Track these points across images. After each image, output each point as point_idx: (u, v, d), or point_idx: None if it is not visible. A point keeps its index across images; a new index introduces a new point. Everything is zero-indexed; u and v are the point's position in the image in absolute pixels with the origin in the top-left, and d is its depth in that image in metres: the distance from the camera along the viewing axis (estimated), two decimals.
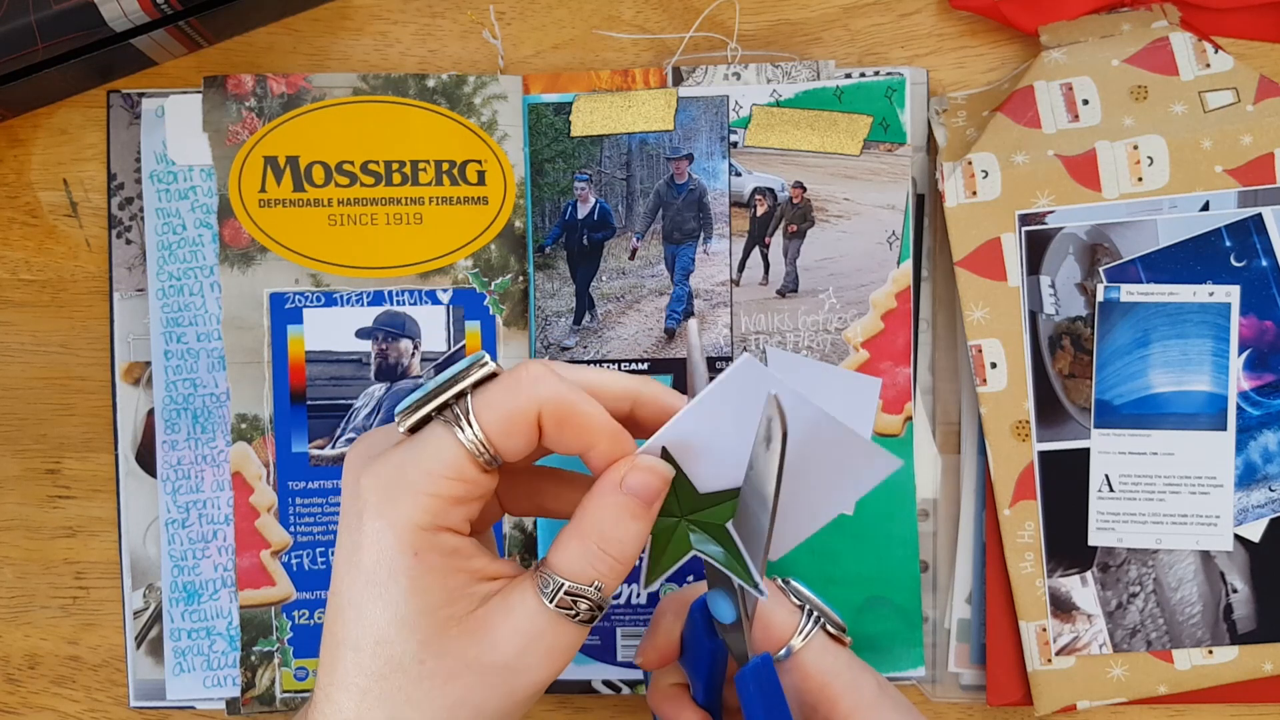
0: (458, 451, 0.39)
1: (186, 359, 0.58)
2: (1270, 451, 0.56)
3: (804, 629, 0.45)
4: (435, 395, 0.39)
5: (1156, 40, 0.56)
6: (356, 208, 0.58)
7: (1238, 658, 0.56)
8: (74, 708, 0.59)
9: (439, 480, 0.38)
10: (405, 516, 0.38)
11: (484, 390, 0.39)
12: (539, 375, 0.39)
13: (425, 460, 0.39)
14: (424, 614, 0.38)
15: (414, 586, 0.38)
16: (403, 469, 0.39)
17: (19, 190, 0.60)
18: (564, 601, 0.39)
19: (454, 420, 0.39)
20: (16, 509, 0.60)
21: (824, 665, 0.45)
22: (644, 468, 0.40)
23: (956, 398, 0.59)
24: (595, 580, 0.39)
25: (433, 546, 0.38)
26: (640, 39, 0.60)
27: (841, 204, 0.58)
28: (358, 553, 0.39)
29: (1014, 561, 0.56)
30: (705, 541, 0.41)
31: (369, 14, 0.60)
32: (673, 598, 0.48)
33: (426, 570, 0.38)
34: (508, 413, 0.39)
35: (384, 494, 0.38)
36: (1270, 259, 0.56)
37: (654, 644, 0.47)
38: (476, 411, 0.39)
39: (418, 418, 0.39)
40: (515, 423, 0.39)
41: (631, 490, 0.39)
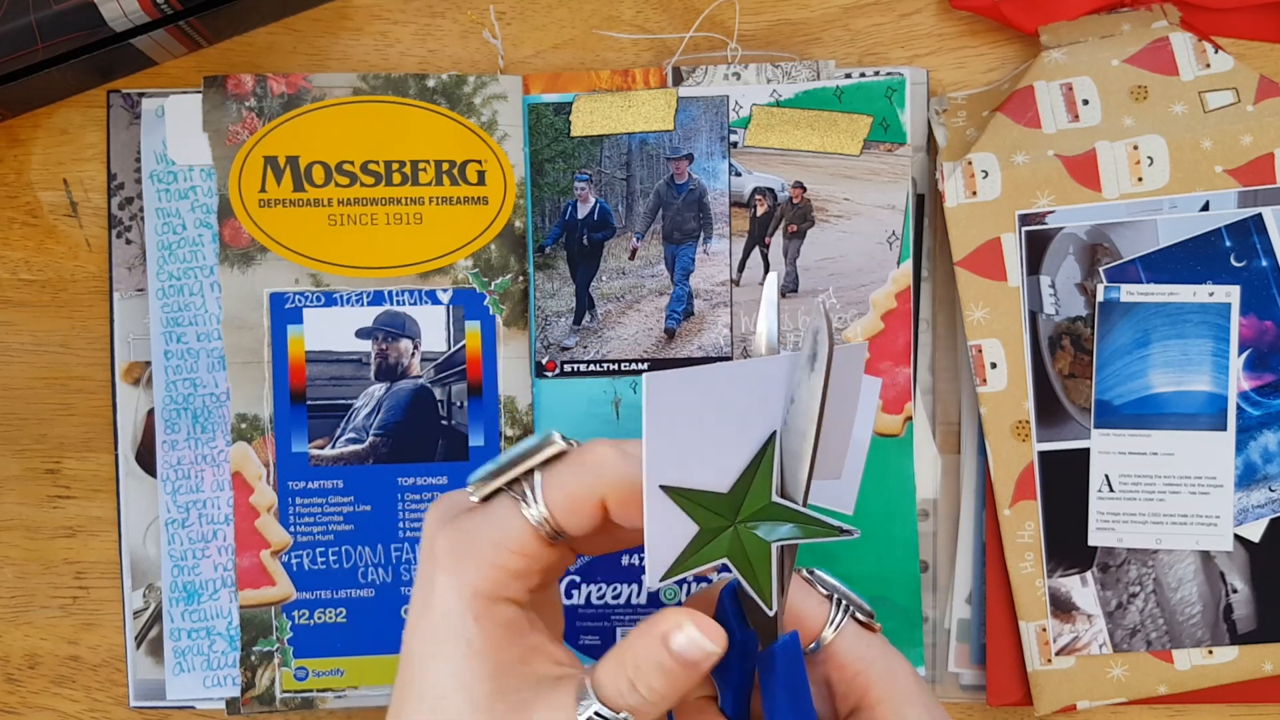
0: (523, 526, 0.40)
1: (186, 359, 0.58)
2: (1270, 451, 0.56)
3: (835, 619, 0.45)
4: (506, 469, 0.41)
5: (1156, 40, 0.56)
6: (356, 208, 0.58)
7: (1238, 658, 0.56)
8: (74, 708, 0.59)
9: (503, 552, 0.40)
10: (470, 581, 0.40)
11: (553, 469, 0.40)
12: (605, 458, 0.40)
13: (493, 531, 0.40)
14: (479, 680, 0.39)
15: (472, 651, 0.39)
16: (473, 536, 0.40)
17: (19, 190, 0.60)
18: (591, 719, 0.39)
19: (521, 497, 0.40)
20: (16, 509, 0.60)
21: (858, 654, 0.45)
22: (688, 635, 0.39)
23: (956, 398, 0.59)
24: (625, 712, 0.39)
25: (492, 616, 0.40)
26: (640, 39, 0.60)
27: (841, 204, 0.58)
28: (428, 608, 0.40)
29: (1014, 561, 0.56)
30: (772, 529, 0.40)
31: (369, 14, 0.60)
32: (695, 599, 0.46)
33: (484, 637, 0.40)
34: (573, 494, 0.40)
35: (454, 556, 0.40)
36: (1270, 259, 0.56)
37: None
38: (544, 490, 0.40)
39: (488, 490, 0.41)
40: (580, 503, 0.40)
41: (672, 650, 0.39)
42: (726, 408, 0.39)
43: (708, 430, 0.39)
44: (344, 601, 0.58)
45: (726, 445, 0.40)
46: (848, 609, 0.45)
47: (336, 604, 0.58)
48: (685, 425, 0.39)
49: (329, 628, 0.58)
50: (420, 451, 0.58)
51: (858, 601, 0.46)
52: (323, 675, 0.58)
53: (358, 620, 0.58)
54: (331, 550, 0.58)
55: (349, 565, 0.58)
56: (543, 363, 0.58)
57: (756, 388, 0.39)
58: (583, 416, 0.58)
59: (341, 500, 0.58)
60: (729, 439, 0.40)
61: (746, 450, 0.40)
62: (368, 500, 0.58)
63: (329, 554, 0.58)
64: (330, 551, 0.58)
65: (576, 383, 0.58)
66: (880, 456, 0.57)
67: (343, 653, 0.58)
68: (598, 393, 0.58)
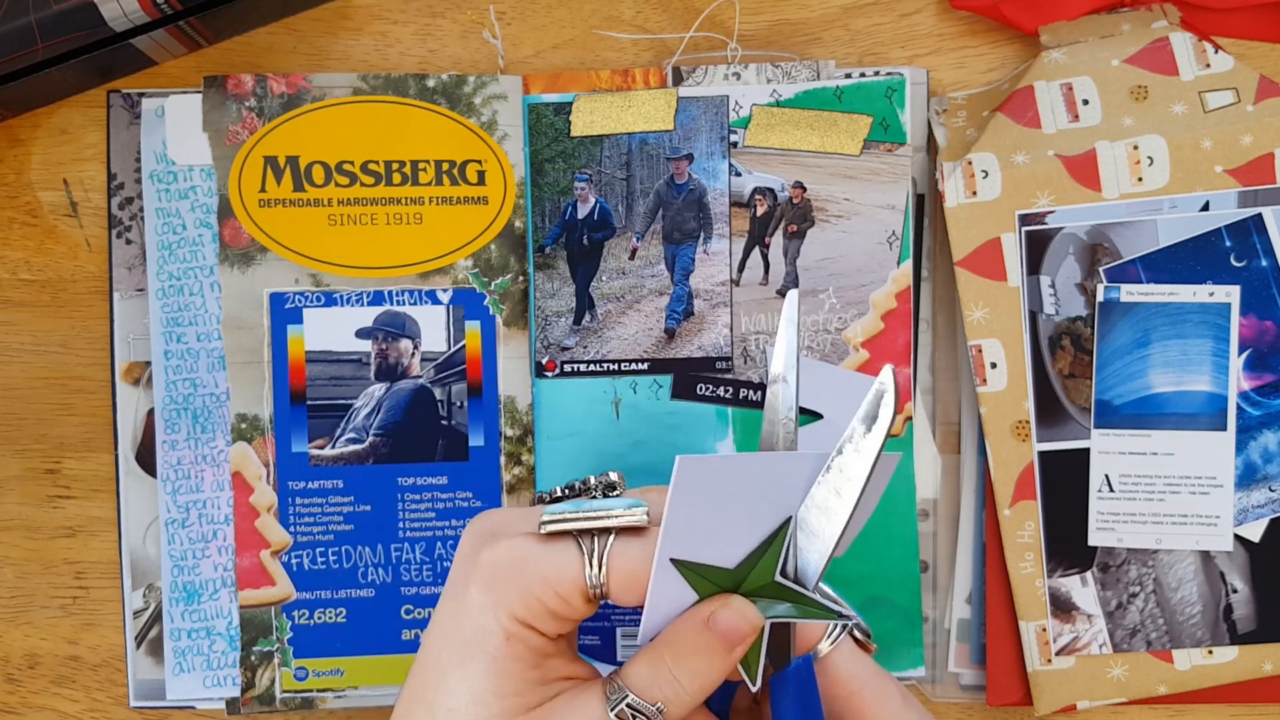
0: (577, 578, 0.40)
1: (186, 359, 0.58)
2: (1270, 451, 0.56)
3: (833, 633, 0.45)
4: (585, 519, 0.40)
5: (1156, 40, 0.56)
6: (356, 208, 0.58)
7: (1238, 658, 0.56)
8: (74, 708, 0.59)
9: (549, 592, 0.40)
10: (508, 602, 0.40)
11: (626, 539, 0.40)
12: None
13: (547, 568, 0.40)
14: (497, 696, 0.39)
15: (495, 667, 0.40)
16: (524, 563, 0.40)
17: (19, 190, 0.60)
18: (624, 714, 0.40)
19: (589, 553, 0.40)
20: (16, 509, 0.60)
21: (852, 671, 0.45)
22: (735, 609, 0.40)
23: (956, 398, 0.59)
24: (660, 702, 0.40)
25: (522, 638, 0.40)
26: (640, 39, 0.60)
27: (841, 204, 0.58)
28: (457, 620, 0.40)
29: (1014, 561, 0.56)
30: (769, 606, 0.41)
31: (369, 14, 0.60)
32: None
33: (510, 656, 0.40)
34: (635, 570, 0.40)
35: (498, 574, 0.40)
36: (1270, 259, 0.56)
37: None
38: (612, 557, 0.40)
39: (559, 529, 0.40)
40: (637, 581, 0.40)
41: (718, 628, 0.40)
42: (748, 492, 0.39)
43: (727, 511, 0.40)
44: (344, 601, 0.58)
45: (741, 527, 0.40)
46: (846, 625, 0.46)
47: (336, 604, 0.58)
48: (706, 505, 0.39)
49: (329, 628, 0.58)
50: (420, 451, 0.58)
51: (856, 619, 0.46)
52: (323, 675, 0.58)
53: (358, 620, 0.58)
54: (331, 550, 0.58)
55: (349, 565, 0.58)
56: (543, 363, 0.58)
57: (782, 477, 0.39)
58: (583, 416, 0.58)
59: (341, 500, 0.58)
60: (744, 521, 0.40)
61: (760, 533, 0.40)
62: (368, 500, 0.58)
63: (329, 554, 0.58)
64: (330, 551, 0.58)
65: (576, 383, 0.58)
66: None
67: (343, 653, 0.58)
68: (598, 393, 0.58)
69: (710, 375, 0.58)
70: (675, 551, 0.39)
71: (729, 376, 0.58)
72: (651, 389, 0.58)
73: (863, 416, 0.38)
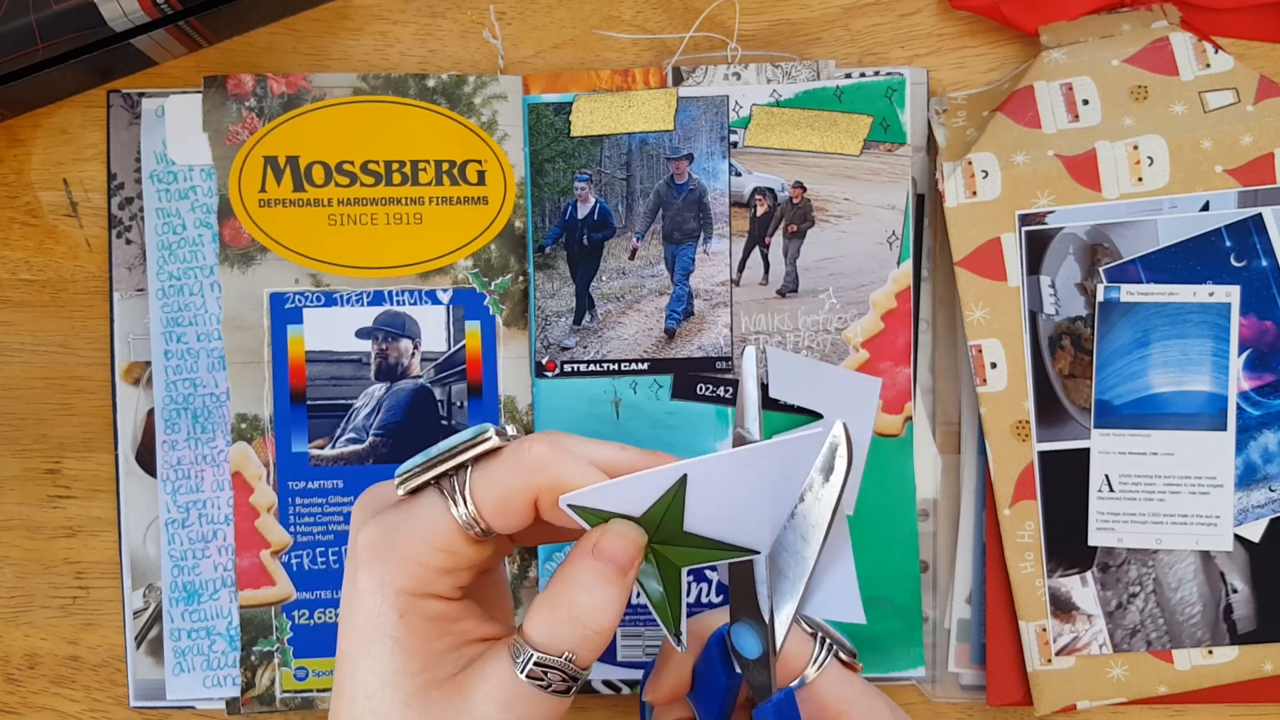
0: (449, 524, 0.38)
1: (186, 359, 0.58)
2: (1270, 451, 0.56)
3: (818, 658, 0.45)
4: (435, 464, 0.39)
5: (1156, 40, 0.56)
6: (356, 208, 0.58)
7: (1238, 658, 0.56)
8: (74, 708, 0.59)
9: (428, 550, 0.38)
10: (392, 579, 0.38)
11: (485, 465, 0.39)
12: (541, 457, 0.38)
13: (417, 527, 0.38)
14: (407, 675, 0.38)
15: (397, 647, 0.38)
16: (395, 533, 0.38)
17: (19, 190, 0.60)
18: (534, 673, 0.38)
19: (449, 493, 0.39)
20: (16, 509, 0.60)
21: (840, 693, 0.45)
22: (617, 532, 0.39)
23: (956, 398, 0.59)
24: (566, 651, 0.38)
25: (417, 611, 0.38)
26: (640, 39, 0.60)
27: (841, 204, 0.58)
28: (352, 606, 0.39)
29: (1014, 561, 0.56)
30: (649, 576, 0.40)
31: (369, 14, 0.60)
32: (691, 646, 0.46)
33: (410, 632, 0.38)
34: (504, 492, 0.38)
35: (375, 554, 0.38)
36: (1270, 259, 0.56)
37: (666, 679, 0.46)
38: (473, 487, 0.38)
39: (415, 484, 0.39)
40: (511, 502, 0.38)
41: (604, 554, 0.38)
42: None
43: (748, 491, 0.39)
44: None
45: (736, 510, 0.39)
46: (831, 648, 0.45)
47: (336, 604, 0.58)
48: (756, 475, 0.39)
49: (329, 628, 0.58)
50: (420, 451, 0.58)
51: (841, 641, 0.46)
52: (323, 675, 0.58)
53: None
54: (331, 550, 0.58)
55: None
56: (543, 363, 0.58)
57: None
58: (583, 416, 0.58)
59: (341, 500, 0.58)
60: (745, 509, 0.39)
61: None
62: None
63: (329, 554, 0.58)
64: (330, 551, 0.58)
65: (576, 383, 0.58)
66: (880, 456, 0.57)
67: None
68: (598, 393, 0.58)
69: (710, 375, 0.58)
70: (699, 471, 0.38)
71: (729, 376, 0.58)
72: (651, 389, 0.58)
73: (820, 467, 0.38)
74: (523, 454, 0.38)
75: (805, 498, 0.39)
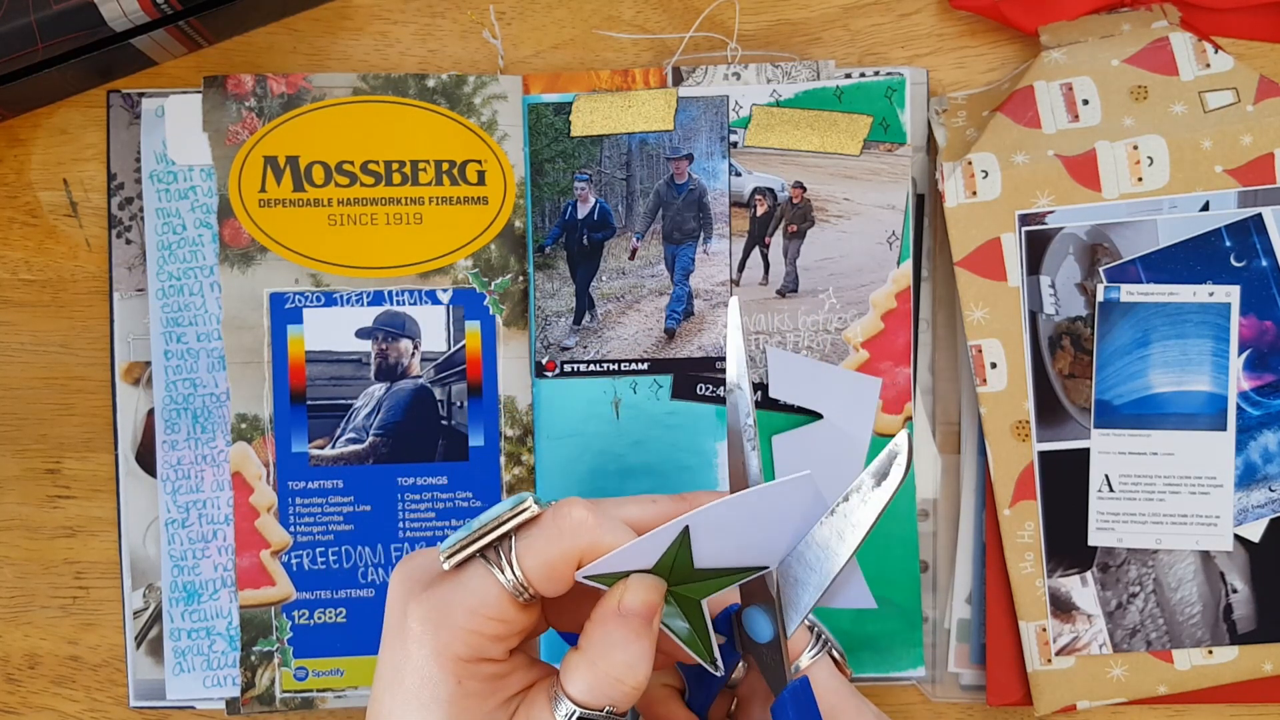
0: (499, 593, 0.40)
1: (186, 359, 0.58)
2: (1270, 451, 0.56)
3: (813, 648, 0.47)
4: (479, 536, 0.40)
5: (1156, 40, 0.56)
6: (356, 208, 0.58)
7: (1238, 658, 0.56)
8: (74, 708, 0.59)
9: (480, 619, 0.40)
10: (448, 649, 0.40)
11: (527, 534, 0.40)
12: (581, 521, 0.40)
13: (468, 599, 0.40)
14: None
15: (454, 711, 0.40)
16: (448, 605, 0.40)
17: (19, 190, 0.60)
18: None
19: (496, 563, 0.40)
20: (16, 509, 0.60)
21: (831, 686, 0.46)
22: (634, 587, 0.40)
23: (956, 398, 0.59)
24: (608, 705, 0.40)
25: (474, 675, 0.40)
26: (640, 39, 0.60)
27: (841, 204, 0.58)
28: (401, 673, 0.40)
29: (1014, 561, 0.56)
30: (673, 616, 0.42)
31: (369, 14, 0.60)
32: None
33: (466, 694, 0.40)
34: (549, 559, 0.40)
35: (429, 625, 0.40)
36: (1270, 259, 0.56)
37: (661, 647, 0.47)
38: (519, 556, 0.40)
39: (462, 558, 0.40)
40: (557, 568, 0.40)
41: (629, 610, 0.40)
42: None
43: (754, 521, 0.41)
44: (344, 601, 0.58)
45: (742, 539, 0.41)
46: (826, 643, 0.47)
47: (336, 604, 0.58)
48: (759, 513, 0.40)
49: (329, 628, 0.58)
50: (420, 451, 0.58)
51: (834, 642, 0.48)
52: (323, 675, 0.58)
53: (357, 620, 0.58)
54: (331, 550, 0.58)
55: (349, 565, 0.58)
56: (543, 363, 0.58)
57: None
58: (583, 416, 0.58)
59: (341, 500, 0.58)
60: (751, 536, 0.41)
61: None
62: (368, 500, 0.58)
63: (329, 554, 0.58)
64: (330, 551, 0.58)
65: (576, 383, 0.58)
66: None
67: (342, 653, 0.58)
68: (598, 393, 0.58)
69: (710, 375, 0.58)
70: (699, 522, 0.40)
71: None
72: (651, 389, 0.58)
73: (874, 471, 0.40)
74: (562, 520, 0.40)
75: (851, 498, 0.40)
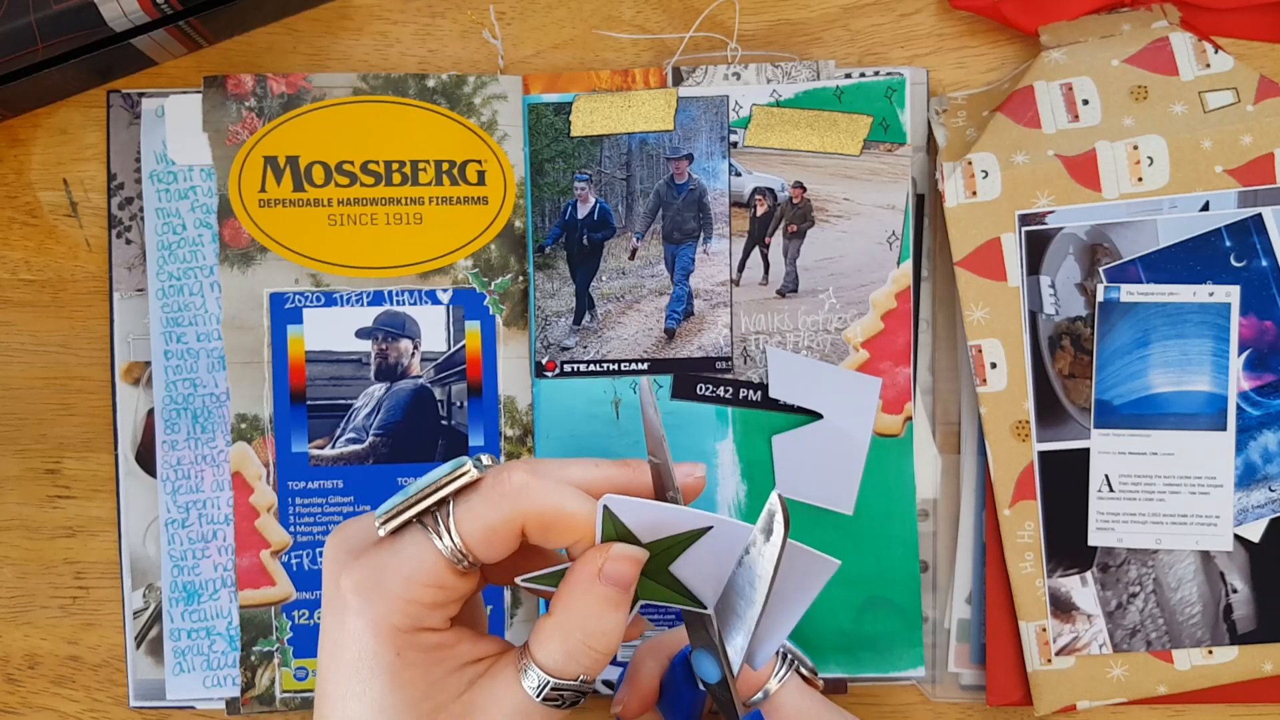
0: (436, 559, 0.39)
1: (186, 359, 0.58)
2: (1270, 451, 0.56)
3: (779, 672, 0.47)
4: (416, 501, 0.39)
5: (1156, 40, 0.56)
6: (356, 208, 0.58)
7: (1238, 658, 0.56)
8: (74, 708, 0.59)
9: (416, 587, 0.39)
10: (384, 619, 0.38)
11: (466, 499, 0.39)
12: (522, 485, 0.39)
13: (404, 566, 0.39)
14: (408, 707, 0.39)
15: (395, 682, 0.38)
16: (382, 573, 0.39)
17: (19, 190, 0.60)
18: (551, 695, 0.40)
19: (434, 528, 0.39)
20: (16, 509, 0.60)
21: (801, 707, 0.47)
22: (620, 557, 0.40)
23: (956, 398, 0.59)
24: (581, 674, 0.40)
25: (413, 645, 0.39)
26: (640, 39, 0.60)
27: (841, 204, 0.58)
28: (339, 648, 0.39)
29: (1014, 561, 0.56)
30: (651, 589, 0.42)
31: (369, 14, 0.60)
32: (650, 645, 0.48)
33: (407, 666, 0.39)
34: (490, 524, 0.39)
35: (364, 596, 0.39)
36: (1270, 259, 0.56)
37: (635, 692, 0.48)
38: (458, 521, 0.39)
39: (397, 523, 0.39)
40: (497, 533, 0.39)
41: (610, 579, 0.39)
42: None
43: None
44: None
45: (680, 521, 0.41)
46: (792, 663, 0.48)
47: None
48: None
49: None
50: (420, 451, 0.58)
51: (801, 658, 0.49)
52: None
53: None
54: None
55: None
56: (543, 363, 0.58)
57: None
58: (583, 416, 0.58)
59: (341, 500, 0.58)
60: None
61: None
62: (368, 500, 0.58)
63: None
64: None
65: (576, 383, 0.58)
66: (880, 456, 0.57)
67: None
68: (598, 393, 0.58)
69: (710, 375, 0.58)
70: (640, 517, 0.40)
71: (729, 376, 0.58)
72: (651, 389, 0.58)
73: (761, 529, 0.40)
74: (502, 484, 0.39)
75: (750, 551, 0.40)
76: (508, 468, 0.40)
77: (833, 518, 0.57)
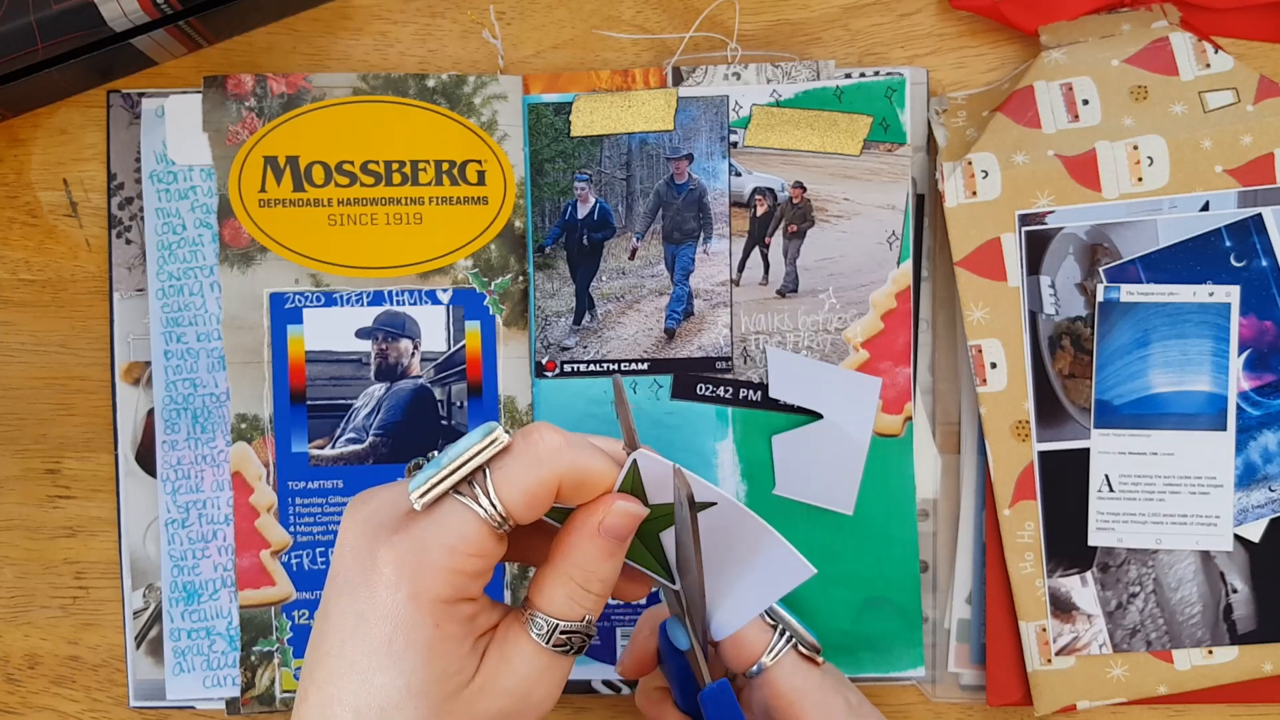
0: (479, 526, 0.40)
1: (186, 359, 0.58)
2: (1270, 451, 0.56)
3: (774, 647, 0.48)
4: (453, 472, 0.40)
5: (1156, 40, 0.56)
6: (356, 208, 0.58)
7: (1238, 658, 0.56)
8: (74, 708, 0.59)
9: (460, 556, 0.39)
10: (429, 590, 0.39)
11: (502, 463, 0.40)
12: (557, 446, 0.40)
13: (447, 536, 0.39)
14: (439, 681, 0.39)
15: (432, 655, 0.39)
16: (425, 546, 0.39)
17: (19, 190, 0.60)
18: (559, 640, 0.41)
19: (472, 496, 0.40)
20: (16, 509, 0.60)
21: (794, 684, 0.48)
22: (621, 511, 0.41)
23: (956, 398, 0.59)
24: (584, 616, 0.42)
25: (452, 617, 0.40)
26: (640, 39, 0.60)
27: (841, 204, 0.58)
28: (364, 621, 0.39)
29: (1014, 561, 0.56)
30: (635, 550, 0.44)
31: (369, 14, 0.60)
32: (650, 613, 0.51)
33: (444, 638, 0.39)
34: (528, 487, 0.40)
35: (407, 570, 0.39)
36: (1270, 259, 0.56)
37: (632, 654, 0.50)
38: (498, 488, 0.40)
39: (436, 495, 0.40)
40: (537, 496, 0.40)
41: (609, 532, 0.41)
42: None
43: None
44: None
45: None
46: (790, 640, 0.48)
47: None
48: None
49: None
50: (420, 451, 0.58)
51: (803, 634, 0.49)
52: None
53: None
54: (332, 550, 0.58)
55: None
56: (543, 363, 0.58)
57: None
58: (583, 416, 0.58)
59: (341, 500, 0.58)
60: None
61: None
62: None
63: (329, 554, 0.58)
64: (330, 551, 0.58)
65: (576, 383, 0.58)
66: (880, 456, 0.57)
67: None
68: (598, 393, 0.58)
69: (710, 375, 0.58)
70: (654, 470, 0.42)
71: (729, 376, 0.58)
72: (651, 389, 0.58)
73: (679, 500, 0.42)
74: (537, 446, 0.40)
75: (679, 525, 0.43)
76: (535, 429, 0.41)
77: (833, 518, 0.57)
